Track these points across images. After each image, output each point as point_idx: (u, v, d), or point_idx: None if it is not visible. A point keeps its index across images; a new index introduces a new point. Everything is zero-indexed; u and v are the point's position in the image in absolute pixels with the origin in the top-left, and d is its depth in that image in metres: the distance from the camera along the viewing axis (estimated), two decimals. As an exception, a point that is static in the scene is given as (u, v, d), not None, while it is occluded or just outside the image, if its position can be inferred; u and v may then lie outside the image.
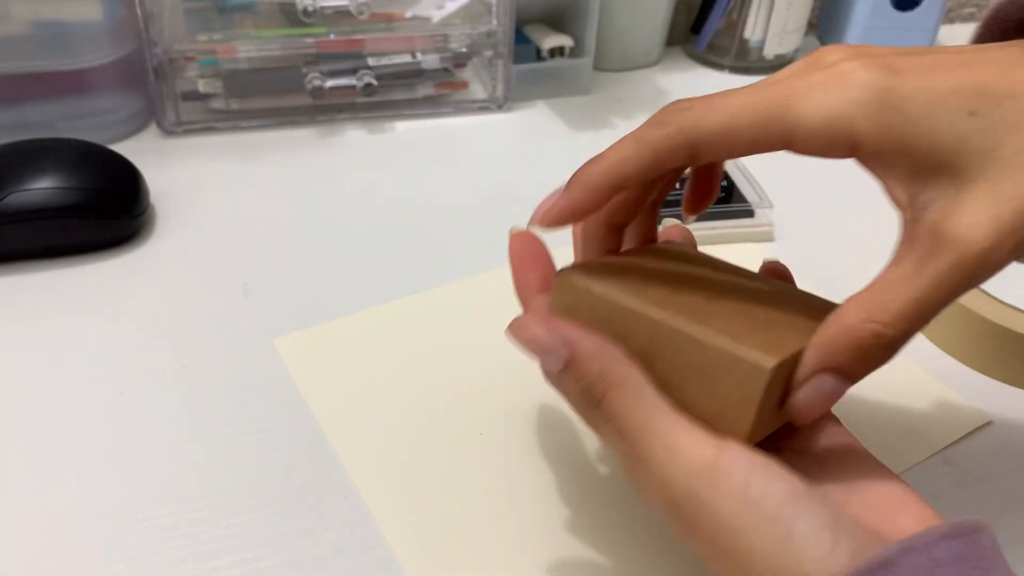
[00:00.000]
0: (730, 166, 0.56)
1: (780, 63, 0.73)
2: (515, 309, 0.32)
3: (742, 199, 0.54)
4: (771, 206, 0.53)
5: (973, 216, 0.23)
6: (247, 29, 0.58)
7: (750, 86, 0.26)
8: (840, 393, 0.26)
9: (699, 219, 0.52)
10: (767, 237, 0.53)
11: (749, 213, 0.53)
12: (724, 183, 0.55)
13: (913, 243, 0.24)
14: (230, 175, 0.56)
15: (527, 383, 0.40)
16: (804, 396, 0.26)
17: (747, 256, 0.48)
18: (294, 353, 0.42)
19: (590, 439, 0.39)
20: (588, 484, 0.37)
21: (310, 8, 0.58)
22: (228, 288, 0.47)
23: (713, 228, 0.52)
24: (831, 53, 0.26)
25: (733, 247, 0.52)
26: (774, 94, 0.25)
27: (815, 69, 0.25)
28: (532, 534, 0.35)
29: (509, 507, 0.36)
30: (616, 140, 0.28)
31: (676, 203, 0.54)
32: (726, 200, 0.54)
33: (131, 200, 0.49)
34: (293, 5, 0.58)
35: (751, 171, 0.56)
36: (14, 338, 0.43)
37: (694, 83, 0.71)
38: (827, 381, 0.26)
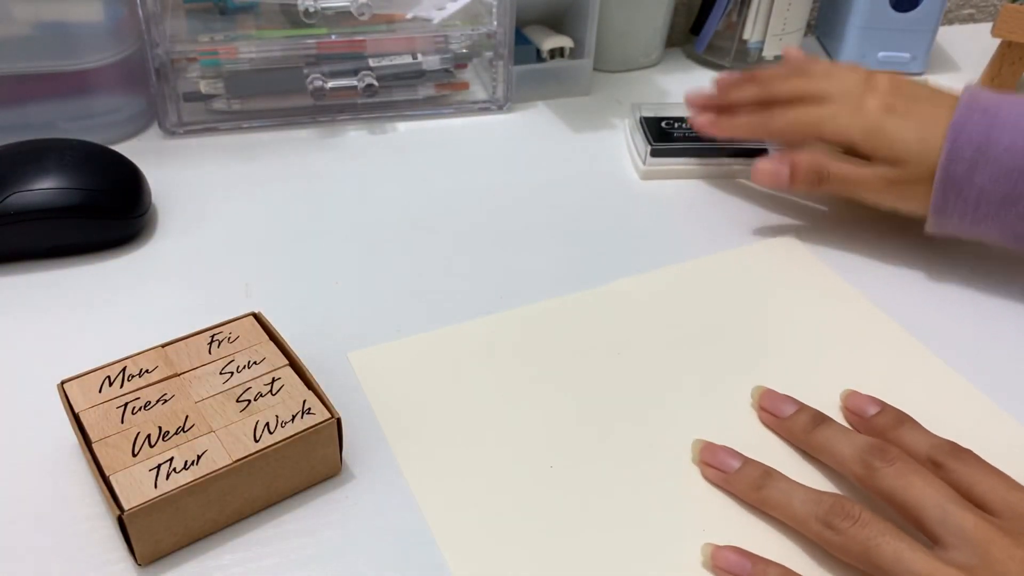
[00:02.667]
0: None
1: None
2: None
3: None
4: (784, 147, 0.56)
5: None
6: (248, 30, 0.58)
7: None
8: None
9: (716, 156, 0.58)
10: None
11: (763, 152, 0.56)
12: None
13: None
14: (231, 176, 0.56)
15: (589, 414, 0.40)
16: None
17: (758, 193, 0.57)
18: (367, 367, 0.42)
19: (654, 473, 0.38)
20: (643, 521, 0.36)
21: (311, 9, 0.58)
22: (229, 288, 0.47)
23: (730, 165, 0.58)
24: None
25: (748, 182, 0.57)
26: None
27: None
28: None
29: (575, 544, 0.35)
30: (615, 139, 0.28)
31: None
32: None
33: (133, 201, 0.49)
34: (294, 6, 0.58)
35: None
36: (16, 338, 0.43)
37: (694, 84, 0.70)
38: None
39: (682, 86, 0.70)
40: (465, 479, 0.37)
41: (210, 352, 0.38)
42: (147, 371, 0.37)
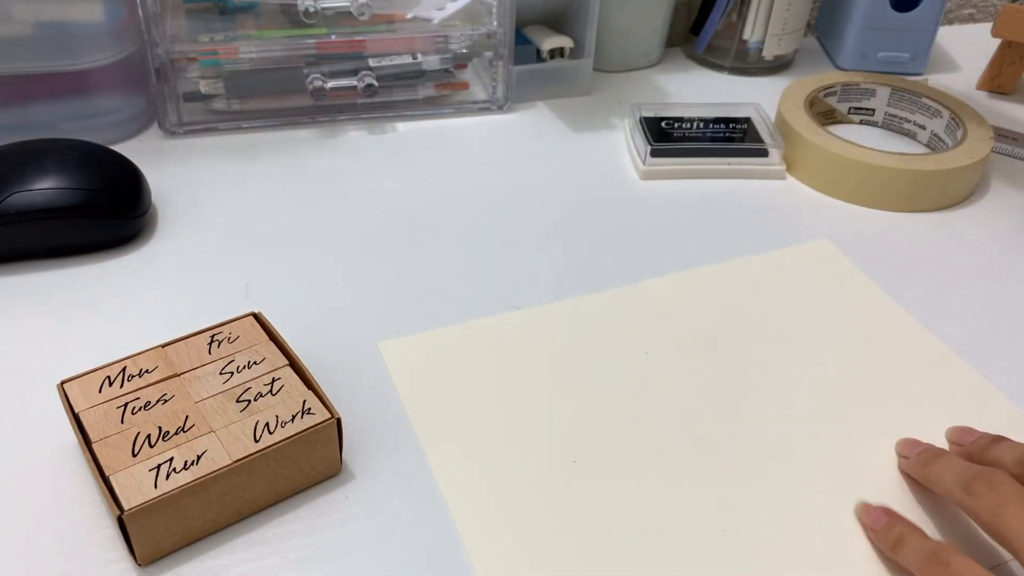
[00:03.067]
0: (751, 111, 0.62)
1: (779, 64, 0.73)
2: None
3: (758, 139, 0.59)
4: (783, 147, 0.58)
5: None
6: (248, 30, 0.58)
7: None
8: None
9: (716, 156, 0.58)
10: (779, 175, 0.59)
11: (763, 152, 0.58)
12: (743, 125, 0.61)
13: None
14: (231, 176, 0.56)
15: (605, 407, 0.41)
16: None
17: (759, 191, 0.57)
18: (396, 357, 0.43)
19: (675, 470, 0.38)
20: (669, 520, 0.36)
21: (311, 9, 0.58)
22: (229, 288, 0.47)
23: (729, 164, 0.58)
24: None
25: (747, 182, 0.58)
26: None
27: None
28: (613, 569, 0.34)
29: (594, 540, 0.35)
30: (615, 139, 0.28)
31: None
32: (743, 139, 0.59)
33: (133, 200, 0.49)
34: (294, 6, 0.58)
35: (769, 114, 0.61)
36: (16, 338, 0.43)
37: (694, 84, 0.71)
38: None
39: (682, 86, 0.71)
40: (487, 474, 0.37)
41: (210, 352, 0.38)
42: (147, 371, 0.37)
